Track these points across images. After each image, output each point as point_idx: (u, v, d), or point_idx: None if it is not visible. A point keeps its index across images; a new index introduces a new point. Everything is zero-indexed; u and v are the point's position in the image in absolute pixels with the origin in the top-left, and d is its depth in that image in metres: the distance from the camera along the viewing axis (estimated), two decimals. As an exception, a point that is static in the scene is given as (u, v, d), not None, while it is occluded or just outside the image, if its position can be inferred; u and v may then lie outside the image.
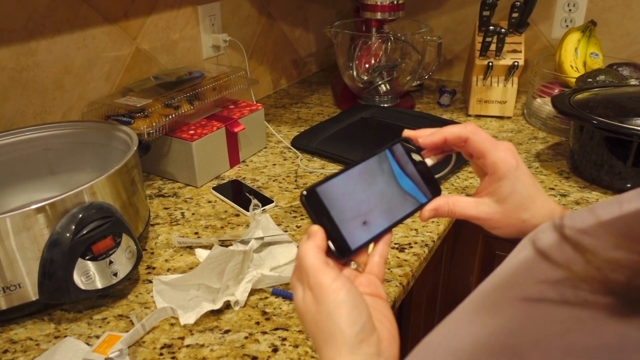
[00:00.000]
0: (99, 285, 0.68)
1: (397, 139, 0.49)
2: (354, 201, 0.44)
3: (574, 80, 1.16)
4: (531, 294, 0.28)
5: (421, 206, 0.48)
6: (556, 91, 1.18)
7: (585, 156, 0.98)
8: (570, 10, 1.35)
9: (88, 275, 0.66)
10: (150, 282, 0.73)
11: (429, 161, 0.50)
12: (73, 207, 0.66)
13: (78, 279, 0.65)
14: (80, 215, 0.65)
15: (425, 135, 0.49)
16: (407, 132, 0.50)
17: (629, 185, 0.94)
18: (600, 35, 1.29)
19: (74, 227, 0.64)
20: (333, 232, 0.42)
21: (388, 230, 0.46)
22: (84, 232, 0.65)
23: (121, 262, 0.69)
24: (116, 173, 0.72)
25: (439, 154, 0.52)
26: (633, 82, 1.13)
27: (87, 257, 0.66)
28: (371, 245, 0.45)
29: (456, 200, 0.49)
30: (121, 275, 0.69)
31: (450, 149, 0.51)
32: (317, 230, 0.42)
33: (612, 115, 0.93)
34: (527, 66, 1.38)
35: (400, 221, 0.46)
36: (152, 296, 0.71)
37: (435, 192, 0.49)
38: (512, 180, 0.47)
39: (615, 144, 0.93)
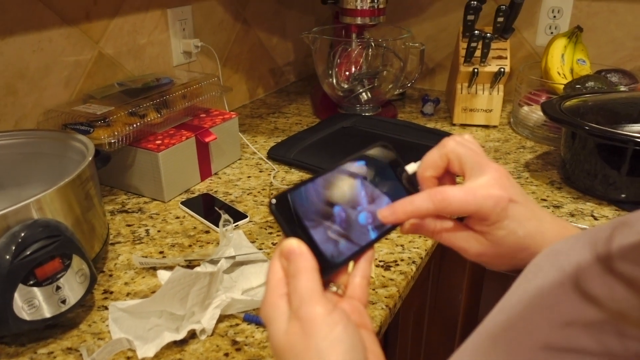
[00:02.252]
0: (47, 314, 0.59)
1: (377, 143, 0.43)
2: (329, 211, 0.37)
3: (561, 87, 1.12)
4: (556, 340, 0.21)
5: None
6: (543, 98, 1.14)
7: (578, 165, 0.93)
8: (554, 16, 1.31)
9: (32, 303, 0.58)
10: (107, 308, 0.65)
11: (409, 168, 0.44)
12: (16, 225, 0.58)
13: (19, 307, 0.57)
14: (23, 234, 0.57)
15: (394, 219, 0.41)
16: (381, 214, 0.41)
17: (623, 196, 0.89)
18: (586, 42, 1.25)
19: (14, 247, 0.56)
20: (308, 246, 0.35)
21: (370, 245, 0.39)
22: (27, 253, 0.57)
23: (71, 287, 0.61)
24: (68, 186, 0.64)
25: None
26: (622, 88, 1.09)
27: (30, 283, 0.57)
28: (350, 264, 0.39)
29: (444, 224, 0.42)
30: (71, 302, 0.61)
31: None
32: (303, 247, 0.35)
33: (603, 122, 0.88)
34: (512, 74, 1.34)
35: (383, 235, 0.40)
36: (107, 325, 0.63)
37: None
38: (505, 222, 0.39)
39: (609, 152, 0.89)
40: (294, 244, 0.35)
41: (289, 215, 0.36)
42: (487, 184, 0.39)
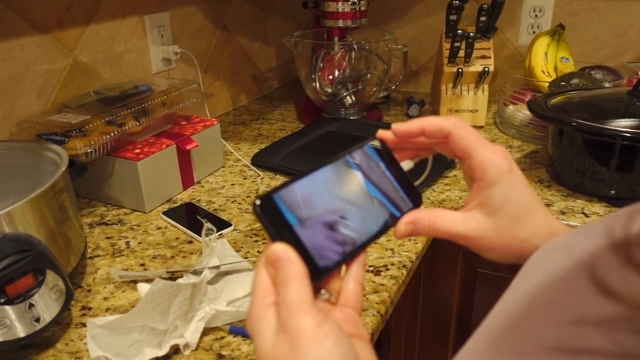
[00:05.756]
0: (20, 333, 0.56)
1: (367, 139, 0.41)
2: (318, 212, 0.35)
3: (546, 85, 1.11)
4: (565, 340, 0.19)
5: (399, 219, 0.39)
6: (528, 97, 1.13)
7: (567, 163, 0.92)
8: (536, 15, 1.31)
9: (3, 322, 0.55)
10: (85, 325, 0.62)
11: (405, 165, 0.41)
12: (-16, 240, 0.54)
13: (-11, 328, 0.54)
14: (-8, 250, 0.54)
15: (399, 125, 0.40)
16: (380, 133, 0.41)
17: (613, 192, 0.88)
18: (569, 40, 1.25)
19: (-18, 264, 0.53)
20: (297, 250, 0.33)
21: (362, 248, 0.37)
22: (-4, 270, 0.54)
23: (46, 304, 0.58)
24: (40, 197, 0.61)
25: (415, 157, 0.43)
26: (607, 85, 1.09)
27: (0, 301, 0.54)
28: (343, 269, 0.36)
29: (438, 214, 0.40)
30: (46, 319, 0.58)
31: (428, 148, 0.42)
32: (290, 252, 0.32)
33: (590, 118, 0.87)
34: (496, 74, 1.33)
35: (377, 236, 0.38)
36: (85, 343, 0.59)
37: (416, 202, 0.40)
38: (504, 187, 0.38)
39: (598, 148, 0.88)
40: (281, 250, 0.33)
41: (275, 217, 0.34)
42: (493, 149, 0.39)
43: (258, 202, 0.33)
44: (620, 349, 0.18)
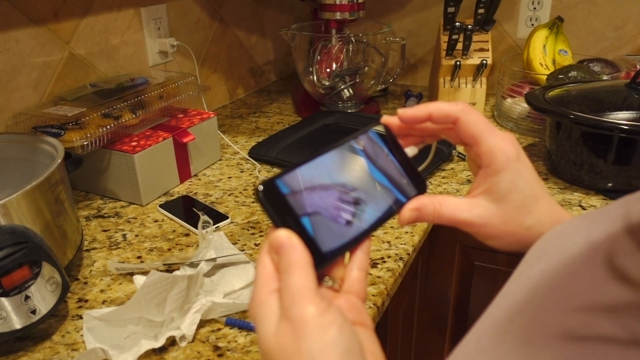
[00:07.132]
0: (16, 325, 0.56)
1: (372, 124, 0.40)
2: (322, 197, 0.35)
3: (544, 78, 1.11)
4: (574, 327, 0.19)
5: (403, 205, 0.39)
6: (526, 90, 1.13)
7: (564, 156, 0.92)
8: (535, 8, 1.31)
9: (-2, 314, 0.54)
10: (81, 318, 0.62)
11: (409, 151, 0.41)
12: (-21, 233, 0.54)
13: (-15, 319, 0.54)
14: (-13, 242, 0.54)
15: (405, 110, 0.40)
16: (385, 119, 0.41)
17: (610, 185, 0.88)
18: (567, 34, 1.25)
19: (-23, 256, 0.53)
20: (301, 236, 0.33)
21: (366, 234, 0.36)
22: (-8, 262, 0.54)
23: (42, 296, 0.58)
24: (36, 189, 0.61)
25: (419, 143, 0.43)
26: (605, 77, 1.09)
27: (-4, 293, 0.54)
28: (347, 256, 0.36)
29: (443, 201, 0.39)
30: (42, 311, 0.58)
31: (433, 135, 0.42)
32: (294, 239, 0.32)
33: (588, 110, 0.87)
34: (494, 67, 1.33)
35: (381, 222, 0.37)
36: (82, 335, 0.59)
37: (420, 188, 0.40)
38: (512, 174, 0.38)
39: (595, 141, 0.87)
40: (284, 236, 0.32)
41: (278, 203, 0.33)
42: (502, 135, 0.39)
43: (261, 187, 0.33)
44: (632, 336, 0.17)
